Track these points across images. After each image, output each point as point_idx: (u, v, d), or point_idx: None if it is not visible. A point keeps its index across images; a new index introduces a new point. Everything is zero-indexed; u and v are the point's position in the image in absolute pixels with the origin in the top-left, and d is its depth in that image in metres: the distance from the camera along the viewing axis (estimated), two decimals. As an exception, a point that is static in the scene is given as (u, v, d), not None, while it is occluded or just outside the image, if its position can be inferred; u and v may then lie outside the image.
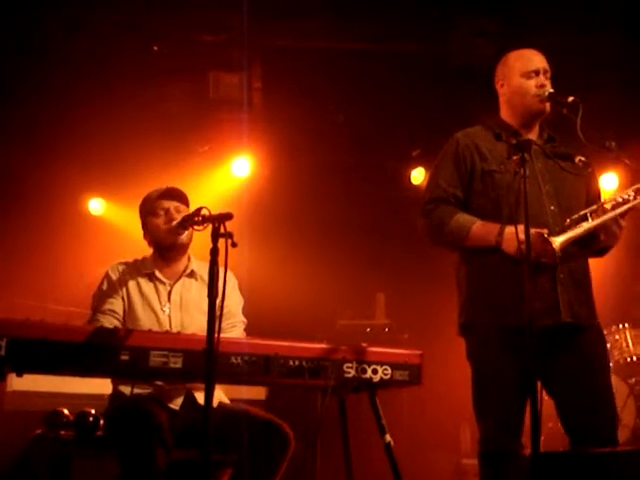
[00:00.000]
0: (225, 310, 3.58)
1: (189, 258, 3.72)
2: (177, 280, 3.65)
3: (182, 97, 6.12)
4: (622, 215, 3.16)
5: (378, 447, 3.39)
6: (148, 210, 3.67)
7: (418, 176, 6.67)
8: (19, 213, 6.11)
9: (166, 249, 3.65)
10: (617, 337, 5.96)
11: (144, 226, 3.71)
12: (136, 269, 3.64)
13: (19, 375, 3.05)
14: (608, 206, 3.15)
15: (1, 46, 5.44)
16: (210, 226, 2.99)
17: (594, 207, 3.14)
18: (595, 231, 3.14)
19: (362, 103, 6.32)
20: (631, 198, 3.16)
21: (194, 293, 3.64)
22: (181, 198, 3.64)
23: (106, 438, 3.44)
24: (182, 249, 3.66)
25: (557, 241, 2.99)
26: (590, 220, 3.10)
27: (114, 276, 3.60)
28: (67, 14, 5.44)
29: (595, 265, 3.40)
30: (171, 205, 3.60)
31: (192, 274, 3.68)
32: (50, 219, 6.13)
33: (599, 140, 3.30)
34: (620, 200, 3.15)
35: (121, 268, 3.63)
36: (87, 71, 5.74)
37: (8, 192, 6.16)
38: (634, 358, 5.86)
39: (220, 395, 3.59)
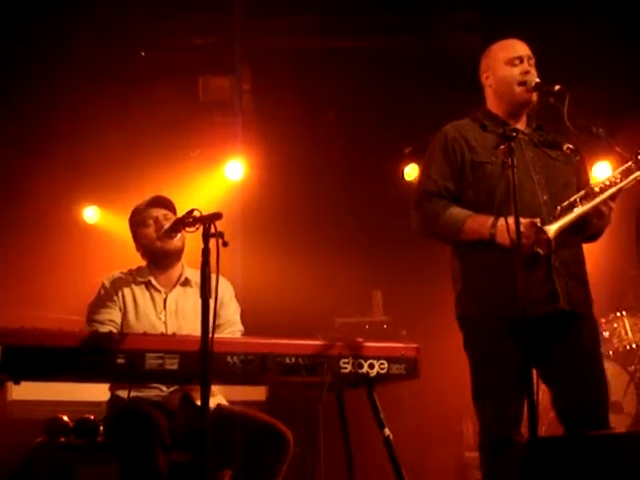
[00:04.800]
0: (224, 319, 3.63)
1: (183, 266, 3.74)
2: (172, 288, 3.67)
3: (172, 101, 6.14)
4: (612, 198, 3.16)
5: (379, 442, 3.39)
6: (138, 221, 3.70)
7: (411, 172, 6.67)
8: (13, 222, 6.11)
9: (160, 257, 3.67)
10: (615, 325, 5.95)
11: (135, 238, 3.74)
12: (132, 278, 3.66)
13: (16, 383, 3.07)
14: (597, 190, 3.14)
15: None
16: (201, 227, 3.00)
17: (582, 193, 3.14)
18: (587, 216, 3.15)
19: (352, 101, 6.33)
20: (618, 180, 3.16)
21: (189, 301, 3.65)
22: (168, 206, 3.67)
23: (106, 443, 3.45)
24: (175, 255, 3.69)
25: (551, 229, 2.99)
26: (580, 205, 3.11)
27: (110, 286, 3.62)
28: (56, 22, 5.45)
29: (590, 253, 3.40)
30: (159, 213, 3.64)
31: (187, 282, 3.70)
32: (44, 228, 6.13)
33: (587, 127, 3.30)
34: (608, 183, 3.15)
35: (117, 277, 3.65)
36: (76, 78, 5.75)
37: (2, 200, 6.16)
38: (633, 346, 5.86)
39: (219, 398, 3.60)
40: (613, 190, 3.13)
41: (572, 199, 3.12)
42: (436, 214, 3.19)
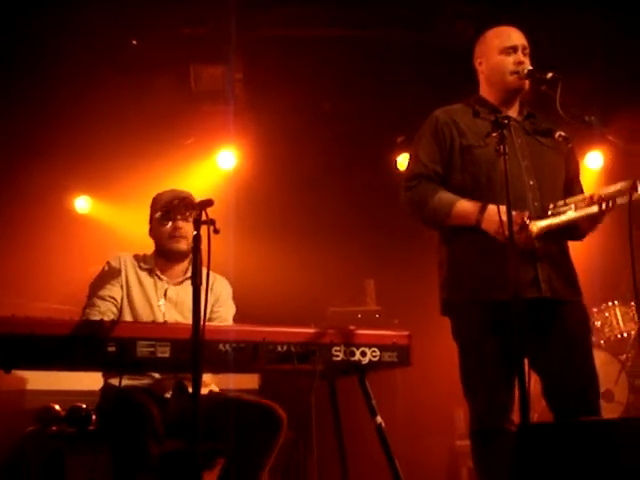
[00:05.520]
0: (216, 315, 3.64)
1: (190, 262, 3.74)
2: (175, 281, 3.69)
3: (164, 91, 6.09)
4: (607, 210, 3.12)
5: (371, 430, 3.40)
6: (157, 211, 3.70)
7: (404, 162, 6.65)
8: (4, 212, 6.08)
9: (167, 253, 3.70)
10: (607, 314, 5.99)
11: (150, 222, 3.74)
12: (137, 262, 3.68)
13: (7, 372, 3.05)
14: (595, 199, 3.09)
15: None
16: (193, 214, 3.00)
17: (580, 197, 3.13)
18: (576, 222, 3.14)
19: (345, 91, 6.31)
20: (620, 195, 3.07)
21: (190, 295, 3.64)
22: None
23: (98, 432, 3.45)
24: (182, 255, 3.70)
25: (535, 227, 2.99)
26: (573, 210, 3.09)
27: (115, 264, 3.64)
28: (45, 13, 5.42)
29: (582, 243, 3.39)
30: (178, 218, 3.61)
31: (190, 278, 3.70)
32: (36, 218, 6.10)
33: (579, 116, 3.29)
34: (608, 195, 3.07)
35: (122, 258, 3.67)
36: (68, 69, 5.71)
37: (-7, 192, 6.14)
38: (624, 335, 5.90)
39: (211, 385, 3.61)
40: (611, 205, 3.08)
41: (569, 200, 3.11)
42: (424, 198, 3.20)
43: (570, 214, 3.08)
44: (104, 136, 6.08)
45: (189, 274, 3.65)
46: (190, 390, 3.28)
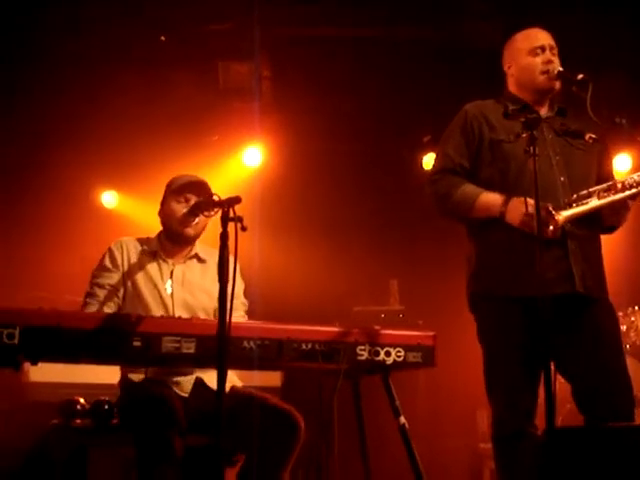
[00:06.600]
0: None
1: (195, 244, 3.74)
2: (180, 261, 3.67)
3: (191, 87, 6.11)
4: (632, 198, 3.11)
5: (394, 430, 3.38)
6: (173, 191, 3.66)
7: (430, 162, 6.63)
8: (32, 207, 6.13)
9: (174, 236, 3.66)
10: (633, 319, 5.91)
11: (163, 202, 3.72)
12: (140, 246, 3.66)
13: (34, 364, 3.06)
14: (619, 186, 3.10)
15: (9, 40, 5.45)
16: (220, 211, 3.00)
17: (604, 186, 3.11)
18: (601, 210, 3.11)
19: (371, 90, 6.29)
20: None
21: (197, 274, 3.66)
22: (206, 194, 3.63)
23: (121, 426, 3.47)
24: (189, 240, 3.68)
25: (562, 215, 2.97)
26: (597, 199, 3.07)
27: (117, 251, 3.61)
28: (73, 8, 5.45)
29: (609, 245, 3.37)
30: (193, 198, 3.59)
31: (195, 256, 3.70)
32: (63, 213, 6.15)
33: (610, 117, 3.27)
34: (632, 182, 3.10)
35: (124, 243, 3.64)
36: (96, 64, 5.75)
37: (21, 187, 6.18)
38: (650, 340, 5.82)
39: (233, 379, 3.59)
40: (634, 191, 3.09)
41: (592, 189, 3.09)
42: (449, 191, 3.20)
43: (593, 202, 3.07)
44: (131, 132, 6.12)
45: (193, 252, 3.68)
46: (210, 385, 3.33)
